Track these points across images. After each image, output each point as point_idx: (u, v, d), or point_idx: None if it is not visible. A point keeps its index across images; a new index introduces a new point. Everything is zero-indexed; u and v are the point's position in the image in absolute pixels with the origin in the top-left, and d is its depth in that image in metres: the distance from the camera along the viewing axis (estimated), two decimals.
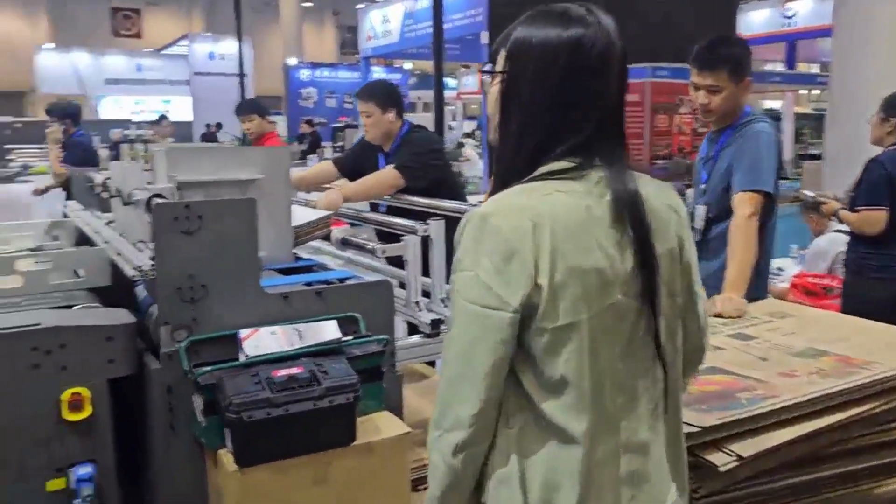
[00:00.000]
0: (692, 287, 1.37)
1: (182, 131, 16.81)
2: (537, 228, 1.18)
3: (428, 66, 21.97)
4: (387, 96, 4.02)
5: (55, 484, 1.94)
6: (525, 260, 1.18)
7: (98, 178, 3.19)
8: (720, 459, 1.51)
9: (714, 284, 2.56)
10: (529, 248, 1.18)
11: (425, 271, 2.64)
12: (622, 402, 1.25)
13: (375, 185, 3.78)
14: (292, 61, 24.23)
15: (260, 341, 2.00)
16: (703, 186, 3.04)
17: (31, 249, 2.59)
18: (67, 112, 6.57)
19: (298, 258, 2.65)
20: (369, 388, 2.05)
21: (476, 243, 1.21)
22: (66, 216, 3.55)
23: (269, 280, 2.25)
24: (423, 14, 12.81)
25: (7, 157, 10.70)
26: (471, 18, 10.64)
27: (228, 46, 19.91)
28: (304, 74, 24.02)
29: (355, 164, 4.16)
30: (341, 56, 31.12)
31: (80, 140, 6.49)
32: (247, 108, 6.11)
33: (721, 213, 2.92)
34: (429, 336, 2.53)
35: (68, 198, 3.61)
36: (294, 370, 1.89)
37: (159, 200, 2.02)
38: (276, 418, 1.79)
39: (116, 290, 2.38)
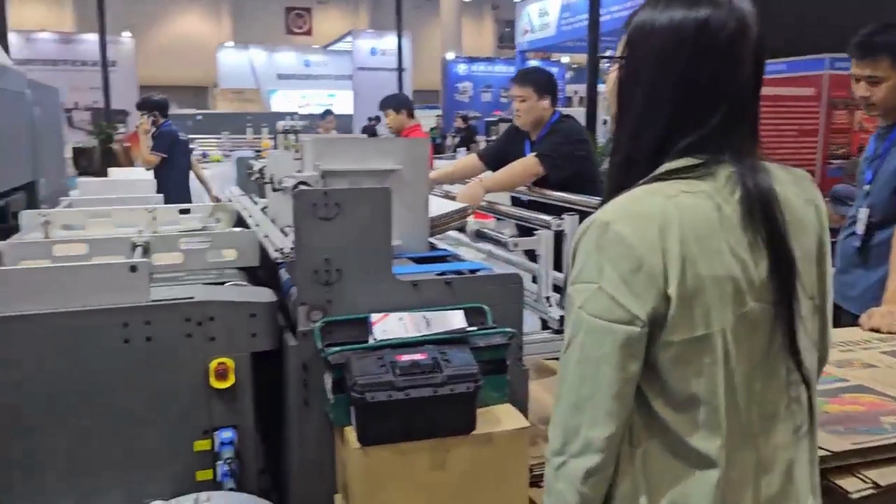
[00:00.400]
0: (826, 293, 1.26)
1: (344, 124, 17.65)
2: (665, 235, 1.10)
3: (585, 60, 21.58)
4: (544, 82, 4.02)
5: (201, 444, 2.12)
6: (653, 269, 1.10)
7: (256, 165, 3.43)
8: (853, 486, 1.38)
9: (873, 297, 2.34)
10: (657, 256, 1.10)
11: (558, 266, 2.61)
12: (759, 419, 1.16)
13: (515, 173, 3.78)
14: (450, 56, 24.71)
15: (388, 326, 2.07)
16: (866, 188, 2.79)
17: (194, 230, 2.83)
18: (156, 105, 7.16)
19: (434, 248, 2.71)
20: (492, 379, 2.07)
21: (598, 253, 1.14)
22: (229, 200, 3.85)
23: (401, 267, 2.32)
24: (581, 6, 12.61)
25: (190, 147, 11.69)
26: (629, 10, 10.33)
27: (389, 42, 20.63)
28: (461, 69, 24.45)
29: (500, 155, 4.17)
30: (498, 50, 31.30)
31: (167, 130, 7.08)
32: (386, 103, 6.31)
33: (886, 217, 2.66)
34: (558, 332, 2.50)
35: (158, 189, 3.93)
36: (417, 356, 1.94)
37: (302, 187, 2.14)
38: (396, 401, 1.84)
39: (264, 270, 2.56)
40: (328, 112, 9.61)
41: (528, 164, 3.75)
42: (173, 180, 6.42)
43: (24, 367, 1.93)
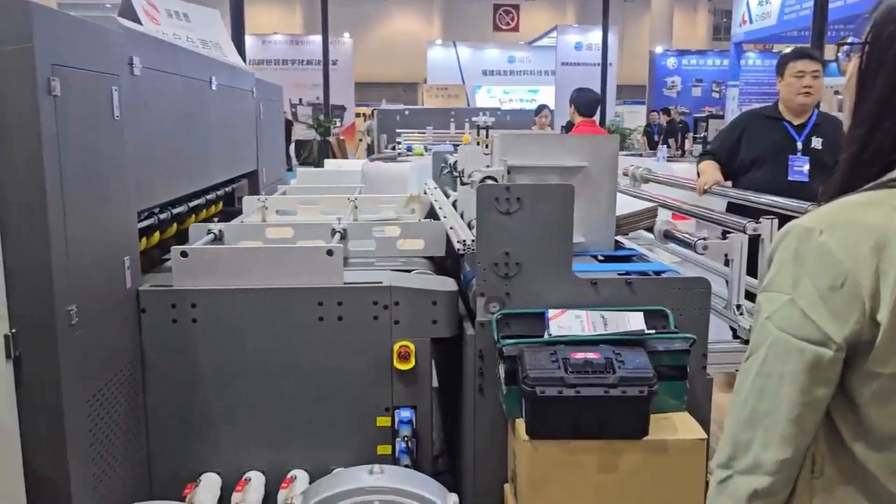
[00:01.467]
0: None
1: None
2: (882, 251, 0.96)
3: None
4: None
5: (383, 421, 2.25)
6: (860, 289, 0.97)
7: (450, 159, 3.55)
8: None
9: None
10: (868, 274, 0.96)
11: (753, 272, 2.45)
12: None
13: None
14: (658, 49, 23.79)
15: (564, 322, 2.07)
16: None
17: (389, 219, 3.00)
18: None
19: (620, 247, 2.65)
20: (670, 385, 1.99)
21: (796, 262, 1.02)
22: (425, 192, 4.02)
23: (582, 265, 2.30)
24: None
25: (397, 140, 12.28)
26: None
27: (595, 37, 20.27)
28: (670, 62, 23.43)
29: (732, 151, 3.74)
30: (712, 43, 29.62)
31: None
32: (570, 98, 6.08)
33: None
34: (748, 342, 2.35)
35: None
36: (591, 355, 1.91)
37: (487, 182, 2.19)
38: (567, 398, 1.84)
39: (449, 260, 2.65)
40: (543, 107, 9.57)
41: None
42: None
43: (233, 334, 2.17)
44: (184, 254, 2.16)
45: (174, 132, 2.56)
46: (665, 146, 13.41)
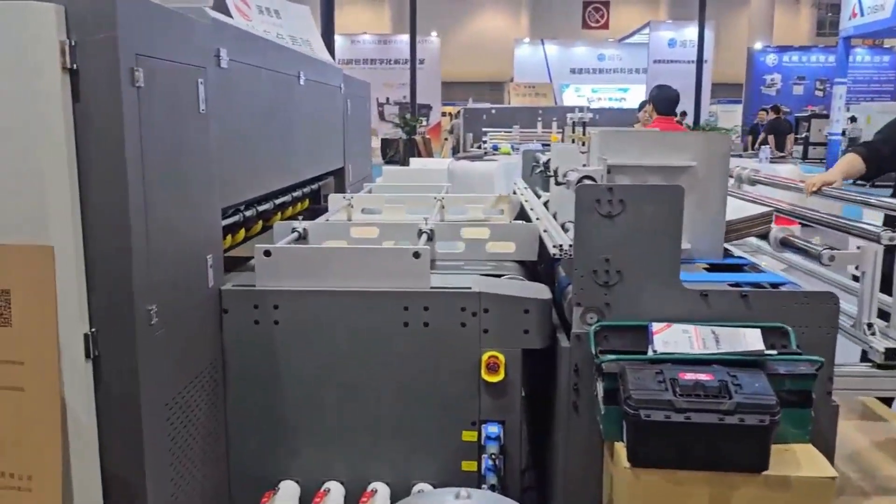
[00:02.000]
0: None
1: (631, 119, 17.12)
2: None
3: None
4: None
5: (469, 435, 2.11)
6: None
7: (542, 158, 3.38)
8: None
9: None
10: None
11: (886, 288, 2.18)
12: None
13: None
14: (757, 45, 22.78)
15: (671, 338, 1.88)
16: None
17: (477, 220, 2.86)
18: None
19: (729, 255, 2.42)
20: (793, 413, 1.77)
21: None
22: (514, 192, 3.87)
23: (690, 275, 2.10)
24: None
25: (483, 139, 12.18)
26: None
27: (690, 33, 19.58)
28: (770, 59, 22.41)
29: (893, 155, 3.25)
30: (816, 38, 28.14)
31: None
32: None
33: None
34: (882, 367, 2.09)
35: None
36: (703, 376, 1.72)
37: (586, 182, 2.02)
38: (675, 424, 1.65)
39: (541, 265, 2.49)
40: (647, 103, 9.18)
41: None
42: None
43: (316, 337, 2.08)
44: (267, 253, 2.09)
45: (261, 127, 2.50)
46: (766, 146, 12.74)
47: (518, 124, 13.02)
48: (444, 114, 20.42)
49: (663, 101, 5.72)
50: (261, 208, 2.81)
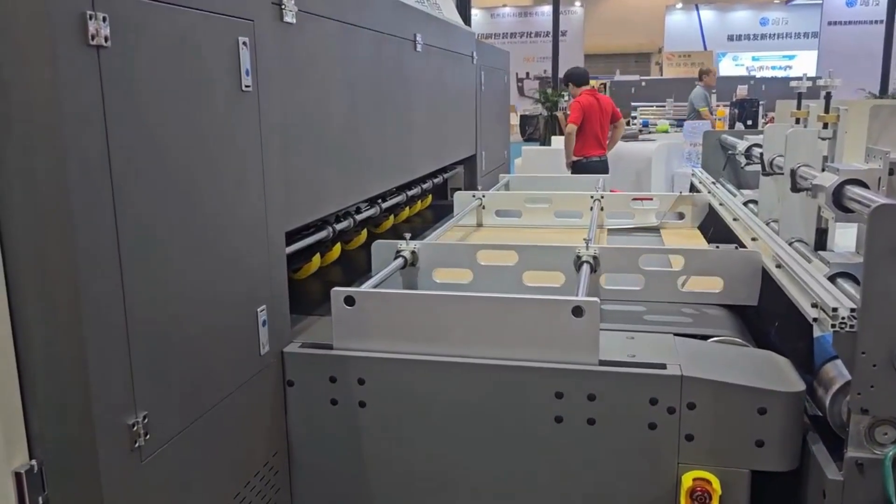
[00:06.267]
0: None
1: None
2: None
3: None
4: None
5: None
6: None
7: (741, 142, 2.48)
8: None
9: None
10: None
11: None
12: None
13: None
14: None
15: None
16: None
17: (649, 227, 2.02)
18: (568, 77, 6.77)
19: None
20: None
21: None
22: (692, 187, 2.98)
23: None
24: None
25: (632, 115, 11.14)
26: None
27: None
28: None
29: None
30: None
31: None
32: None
33: None
34: None
35: None
36: None
37: (878, 202, 1.16)
38: None
39: (767, 315, 1.64)
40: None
41: None
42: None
43: (420, 429, 1.37)
44: (349, 300, 1.39)
45: (354, 110, 1.81)
46: None
47: (672, 98, 11.75)
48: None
49: (578, 76, 6.31)
50: (361, 216, 2.14)
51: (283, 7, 1.37)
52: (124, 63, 0.93)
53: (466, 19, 9.08)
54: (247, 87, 1.23)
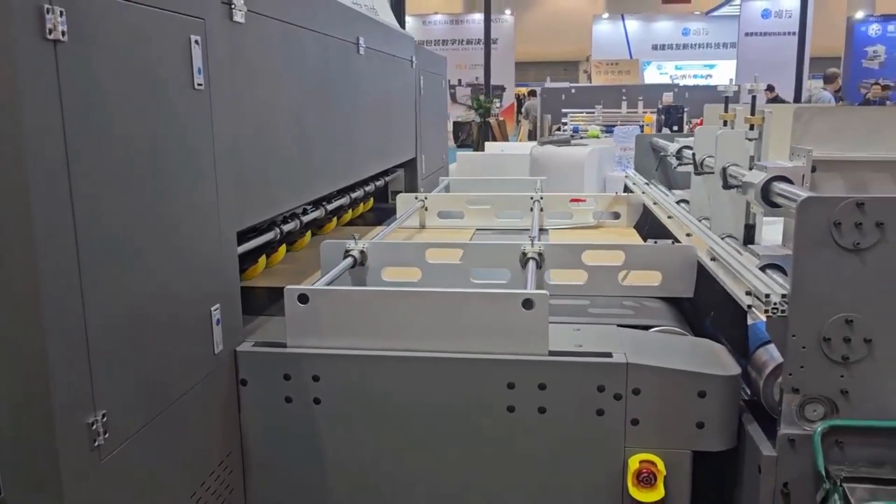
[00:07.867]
0: None
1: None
2: None
3: None
4: None
5: None
6: None
7: (672, 145, 2.60)
8: None
9: None
10: None
11: None
12: None
13: None
14: (858, 15, 20.96)
15: None
16: None
17: (586, 226, 2.10)
18: None
19: None
20: None
21: None
22: (626, 188, 3.09)
23: None
24: None
25: (563, 122, 11.36)
26: None
27: (786, 2, 18.08)
28: (873, 30, 20.56)
29: None
30: None
31: None
32: None
33: None
34: None
35: None
36: None
37: (804, 195, 1.25)
38: None
39: (702, 305, 1.73)
40: (836, 72, 7.65)
41: None
42: None
43: (375, 425, 1.39)
44: (302, 297, 1.40)
45: (301, 111, 1.81)
46: None
47: (601, 104, 12.07)
48: (517, 95, 19.55)
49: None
50: (307, 218, 2.14)
51: (232, 7, 1.37)
52: (81, 58, 0.93)
53: (401, 25, 9.12)
54: (199, 85, 1.23)
